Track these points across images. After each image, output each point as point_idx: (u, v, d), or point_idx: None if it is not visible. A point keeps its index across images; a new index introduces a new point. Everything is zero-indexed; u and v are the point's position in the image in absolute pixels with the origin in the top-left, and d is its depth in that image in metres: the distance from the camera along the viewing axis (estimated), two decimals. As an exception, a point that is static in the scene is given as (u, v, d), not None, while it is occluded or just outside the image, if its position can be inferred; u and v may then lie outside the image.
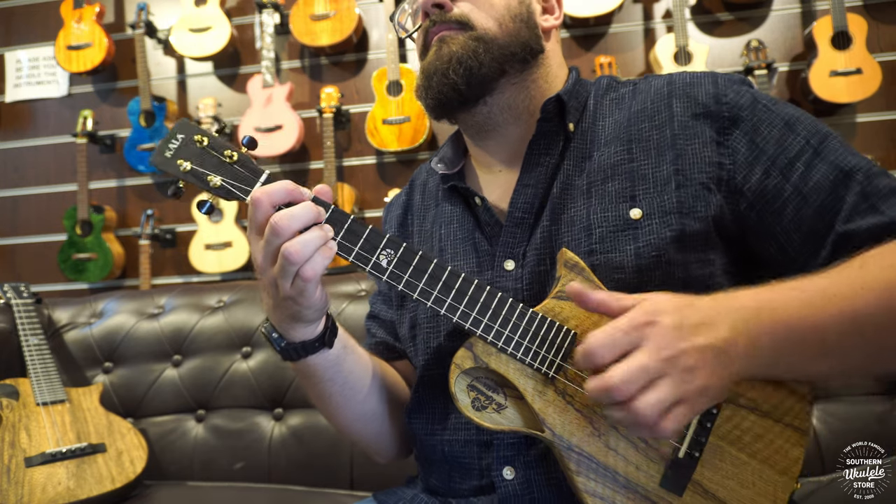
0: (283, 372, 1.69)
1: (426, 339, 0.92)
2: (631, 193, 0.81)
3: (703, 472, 0.73)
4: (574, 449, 0.73)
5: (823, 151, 0.78)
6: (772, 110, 0.81)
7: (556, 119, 0.88)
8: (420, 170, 1.12)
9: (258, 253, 0.72)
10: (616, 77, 0.97)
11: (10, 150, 3.23)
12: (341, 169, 2.97)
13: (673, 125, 0.82)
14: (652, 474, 0.73)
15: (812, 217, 0.77)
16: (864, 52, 2.53)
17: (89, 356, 1.82)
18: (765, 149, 0.79)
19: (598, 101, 0.92)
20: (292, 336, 0.82)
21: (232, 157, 0.74)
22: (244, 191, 0.73)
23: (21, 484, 1.38)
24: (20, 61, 3.24)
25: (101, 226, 2.96)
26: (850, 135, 2.69)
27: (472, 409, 0.76)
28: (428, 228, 1.00)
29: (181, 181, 0.75)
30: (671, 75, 0.88)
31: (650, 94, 0.87)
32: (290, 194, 0.71)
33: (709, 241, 0.79)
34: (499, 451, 0.81)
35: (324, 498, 1.53)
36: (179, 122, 0.76)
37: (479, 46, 0.85)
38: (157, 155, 0.75)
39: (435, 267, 0.74)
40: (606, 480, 0.72)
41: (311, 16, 2.83)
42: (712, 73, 0.85)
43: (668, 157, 0.81)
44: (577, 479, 0.72)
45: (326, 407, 0.95)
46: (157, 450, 1.68)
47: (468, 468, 0.85)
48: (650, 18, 2.85)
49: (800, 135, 0.79)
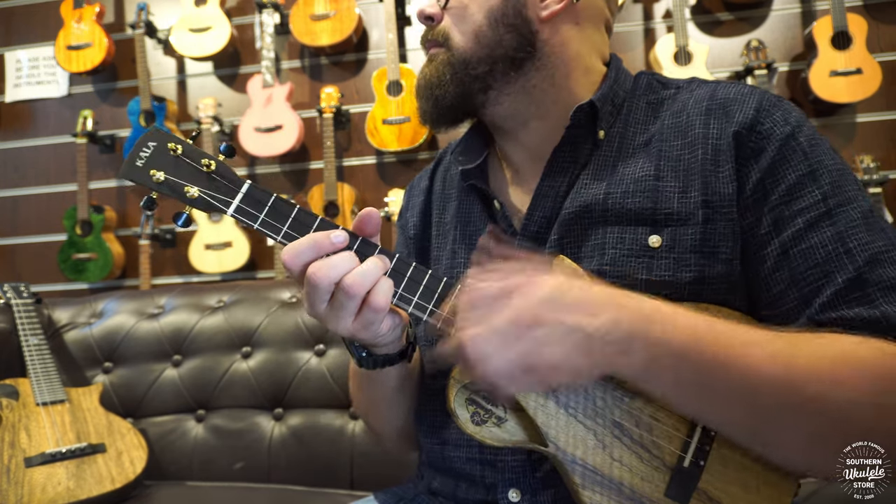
0: (283, 372, 1.69)
1: (422, 350, 0.90)
2: (652, 217, 0.75)
3: (708, 479, 0.72)
4: (578, 462, 0.72)
5: (837, 216, 0.68)
6: (804, 151, 0.71)
7: (586, 125, 0.82)
8: (445, 151, 1.05)
9: (305, 302, 0.70)
10: (658, 76, 0.88)
11: (10, 150, 3.23)
12: (341, 169, 2.97)
13: (706, 147, 0.75)
14: (657, 484, 0.72)
15: (786, 282, 0.69)
16: (864, 52, 2.53)
17: (89, 356, 1.82)
18: (769, 192, 0.71)
19: (634, 102, 0.84)
20: (374, 350, 0.80)
21: (209, 166, 0.70)
22: (225, 202, 0.70)
23: (21, 484, 1.38)
24: (20, 61, 3.24)
25: (101, 226, 2.96)
26: (850, 135, 2.69)
27: (471, 425, 0.74)
28: (447, 223, 0.95)
29: (154, 192, 0.70)
30: (716, 86, 0.80)
31: (688, 106, 0.79)
32: (317, 246, 0.67)
33: (731, 283, 0.72)
34: (503, 472, 0.79)
35: (324, 498, 1.53)
36: (150, 130, 0.72)
37: (447, 72, 0.82)
38: (127, 165, 0.70)
39: (430, 279, 0.73)
40: (612, 492, 0.71)
41: (311, 16, 2.83)
42: (760, 93, 0.76)
43: (697, 184, 0.74)
44: (582, 493, 0.71)
45: (378, 407, 0.93)
46: (157, 450, 1.68)
47: (474, 481, 0.84)
48: (650, 18, 2.85)
49: (821, 188, 0.69)
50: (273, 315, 1.75)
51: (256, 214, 0.70)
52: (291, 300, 1.78)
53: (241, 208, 0.70)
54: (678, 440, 0.72)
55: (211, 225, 2.88)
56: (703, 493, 0.72)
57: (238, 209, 0.70)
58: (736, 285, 0.73)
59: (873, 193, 2.48)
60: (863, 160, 2.52)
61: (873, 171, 2.50)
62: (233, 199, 0.70)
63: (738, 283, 0.73)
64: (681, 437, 0.72)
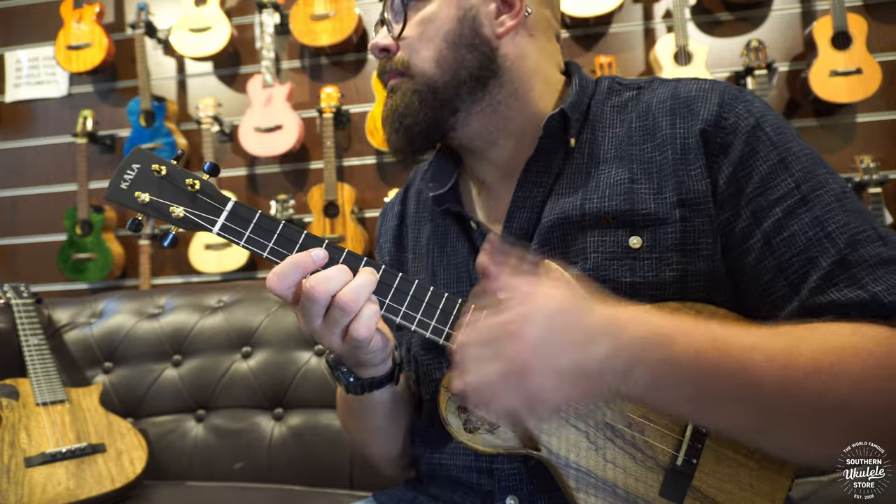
0: (283, 372, 1.69)
1: (427, 371, 0.90)
2: (631, 219, 0.75)
3: (701, 477, 0.72)
4: (572, 465, 0.72)
5: (812, 201, 0.69)
6: (771, 141, 0.72)
7: (557, 134, 0.82)
8: (414, 175, 1.06)
9: (299, 318, 0.71)
10: (618, 78, 0.89)
11: (10, 150, 3.23)
12: (341, 169, 2.97)
13: (675, 146, 0.76)
14: (651, 484, 0.72)
15: (773, 271, 0.70)
16: (864, 52, 2.53)
17: (89, 356, 1.82)
18: (743, 185, 0.72)
19: (599, 107, 0.85)
20: (360, 374, 0.81)
21: (194, 186, 0.71)
22: (210, 221, 0.71)
23: (21, 484, 1.38)
24: (20, 61, 3.24)
25: (101, 226, 2.96)
26: (850, 135, 2.69)
27: (464, 433, 0.75)
28: (423, 245, 0.95)
29: (139, 214, 0.71)
30: (677, 85, 0.81)
31: (652, 107, 0.80)
32: (300, 267, 0.68)
33: (714, 279, 0.73)
34: (500, 480, 0.79)
35: (324, 498, 1.53)
36: (133, 152, 0.72)
37: (415, 100, 0.81)
38: (112, 187, 0.71)
39: (417, 288, 0.73)
40: (606, 494, 0.72)
41: (311, 16, 2.83)
42: (721, 87, 0.77)
43: (671, 184, 0.75)
44: (577, 496, 0.72)
45: (370, 435, 0.94)
46: (157, 450, 1.68)
47: (471, 490, 0.84)
48: (650, 18, 2.85)
49: (792, 175, 0.71)
50: (273, 315, 1.75)
51: (242, 231, 0.71)
52: (291, 300, 1.77)
53: (226, 226, 0.71)
54: (671, 439, 0.73)
55: (211, 225, 2.88)
56: (698, 492, 0.72)
57: (223, 227, 0.71)
58: (719, 281, 0.73)
59: (873, 193, 2.48)
60: (863, 160, 2.52)
61: (873, 171, 2.49)
62: (218, 217, 0.71)
63: (721, 278, 0.73)
64: (673, 437, 0.73)
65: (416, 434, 0.92)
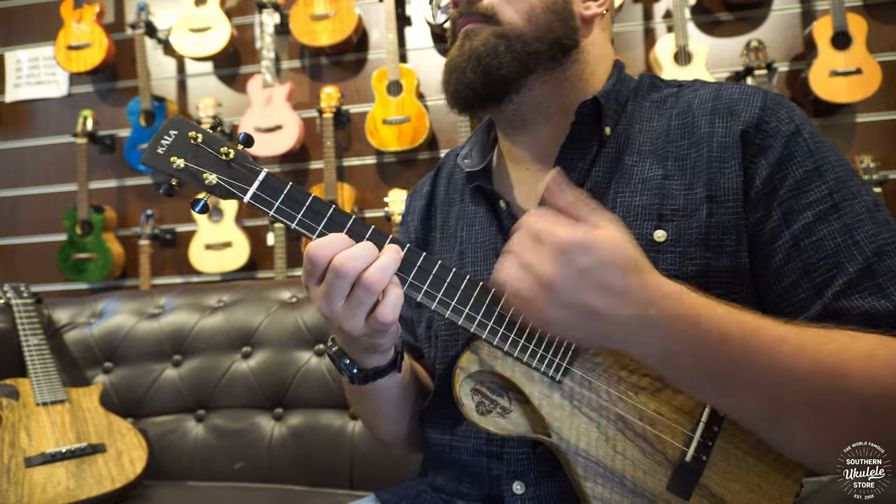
0: (283, 372, 1.69)
1: (444, 347, 0.90)
2: (658, 212, 0.76)
3: (710, 475, 0.72)
4: (581, 454, 0.72)
5: (843, 209, 0.71)
6: (809, 149, 0.74)
7: (591, 122, 0.83)
8: (447, 157, 1.07)
9: (320, 299, 0.69)
10: (658, 76, 0.92)
11: (10, 150, 3.23)
12: (341, 169, 2.97)
13: (711, 145, 0.77)
14: (659, 478, 0.72)
15: (799, 272, 0.71)
16: (864, 52, 2.53)
17: (89, 356, 1.82)
18: (778, 187, 0.73)
19: (638, 102, 0.87)
20: (365, 363, 0.80)
21: (228, 155, 0.71)
22: (242, 189, 0.71)
23: (21, 484, 1.38)
24: (20, 61, 3.24)
25: (101, 226, 2.96)
26: (850, 135, 2.69)
27: (476, 413, 0.75)
28: (452, 225, 0.96)
29: (174, 179, 0.72)
30: (720, 87, 0.82)
31: (693, 107, 0.82)
32: (346, 243, 0.68)
33: (737, 275, 0.74)
34: (509, 465, 0.80)
35: (324, 498, 1.53)
36: (172, 118, 0.74)
37: (501, 44, 0.80)
38: (149, 151, 0.72)
39: (440, 268, 0.72)
40: (614, 485, 0.72)
41: (311, 16, 2.83)
42: (764, 93, 0.79)
43: (702, 180, 0.76)
44: (584, 485, 0.72)
45: (376, 419, 0.95)
46: (157, 450, 1.68)
47: (478, 475, 0.84)
48: (650, 18, 2.85)
49: (826, 183, 0.72)
50: (273, 315, 1.75)
51: (272, 202, 0.71)
52: (291, 300, 1.78)
53: (257, 195, 0.71)
54: (681, 435, 0.73)
55: (211, 225, 2.88)
56: (706, 489, 0.72)
57: (255, 196, 0.71)
58: (742, 278, 0.74)
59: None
60: (863, 160, 2.52)
61: (873, 171, 2.50)
62: (250, 186, 0.71)
63: (744, 276, 0.74)
64: (684, 432, 0.73)
65: (426, 415, 0.93)
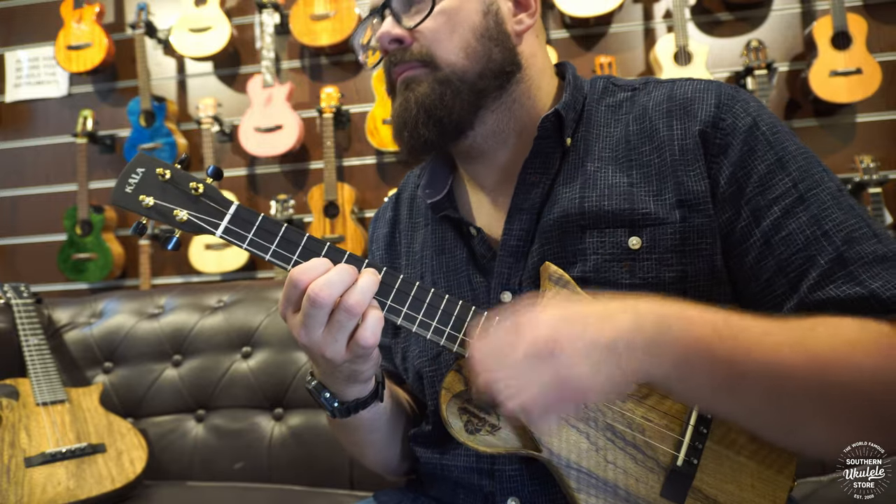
0: (283, 372, 1.69)
1: (430, 381, 0.88)
2: (630, 219, 0.75)
3: (702, 478, 0.72)
4: (573, 466, 0.72)
5: (809, 199, 0.70)
6: (768, 141, 0.73)
7: (553, 135, 0.81)
8: (406, 181, 1.04)
9: (298, 328, 0.68)
10: (613, 78, 0.89)
11: (10, 150, 3.23)
12: (341, 169, 2.97)
13: (673, 148, 0.76)
14: (652, 485, 0.72)
15: (773, 270, 0.71)
16: (864, 52, 2.53)
17: (89, 356, 1.82)
18: (743, 185, 0.72)
19: (593, 107, 0.85)
20: (346, 395, 0.79)
21: (198, 189, 0.71)
22: (214, 224, 0.71)
23: (21, 484, 1.38)
24: (20, 61, 3.24)
25: (101, 226, 2.96)
26: (850, 135, 2.69)
27: (465, 433, 0.74)
28: (417, 251, 0.94)
29: (144, 218, 0.72)
30: (673, 86, 0.81)
31: (649, 110, 0.80)
32: (327, 265, 0.67)
33: (714, 278, 0.73)
34: (501, 482, 0.79)
35: (324, 498, 1.53)
36: (138, 156, 0.73)
37: (446, 92, 0.77)
38: (117, 191, 0.71)
39: (418, 290, 0.72)
40: (607, 495, 0.72)
41: (311, 16, 2.83)
42: (717, 88, 0.77)
43: (670, 185, 0.75)
44: (578, 497, 0.72)
45: (363, 449, 0.94)
46: (157, 450, 1.68)
47: (472, 490, 0.84)
48: (650, 18, 2.85)
49: (789, 175, 0.71)
50: (273, 315, 1.75)
51: (245, 234, 0.71)
52: (291, 300, 1.77)
53: (229, 229, 0.71)
54: (671, 440, 0.73)
55: (211, 225, 2.88)
56: (699, 492, 0.72)
57: (226, 230, 0.71)
58: (719, 280, 0.74)
59: (873, 193, 2.48)
60: (863, 160, 2.52)
61: (873, 171, 2.49)
62: (221, 220, 0.71)
63: (721, 278, 0.74)
64: (673, 437, 0.73)
65: (416, 437, 0.92)
